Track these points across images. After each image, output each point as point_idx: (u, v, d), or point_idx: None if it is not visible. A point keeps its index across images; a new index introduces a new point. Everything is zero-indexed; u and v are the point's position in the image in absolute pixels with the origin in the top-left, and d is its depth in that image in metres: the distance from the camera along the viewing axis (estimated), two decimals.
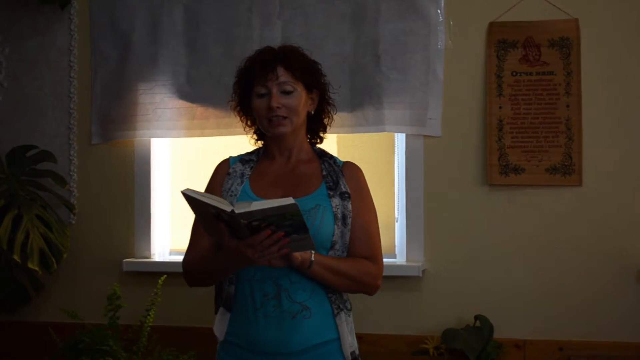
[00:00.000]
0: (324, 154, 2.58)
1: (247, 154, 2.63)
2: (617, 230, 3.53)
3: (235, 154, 2.67)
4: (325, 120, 2.61)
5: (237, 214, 2.08)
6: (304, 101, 2.48)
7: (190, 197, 2.16)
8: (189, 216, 2.31)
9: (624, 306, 3.51)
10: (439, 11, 3.64)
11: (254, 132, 2.64)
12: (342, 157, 2.61)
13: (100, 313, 3.52)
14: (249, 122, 2.61)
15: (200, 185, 3.78)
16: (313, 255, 2.32)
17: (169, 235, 4.02)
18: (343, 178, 2.49)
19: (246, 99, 2.53)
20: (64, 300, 3.89)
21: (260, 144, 2.64)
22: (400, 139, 3.74)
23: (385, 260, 2.60)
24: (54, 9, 4.00)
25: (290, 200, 2.06)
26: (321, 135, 2.63)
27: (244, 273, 2.38)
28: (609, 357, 3.48)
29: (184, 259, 2.53)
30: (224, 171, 2.58)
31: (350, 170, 2.54)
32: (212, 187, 2.58)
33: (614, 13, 3.54)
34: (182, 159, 4.03)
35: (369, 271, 2.45)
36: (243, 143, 2.72)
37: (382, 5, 3.66)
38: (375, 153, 3.79)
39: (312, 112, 2.55)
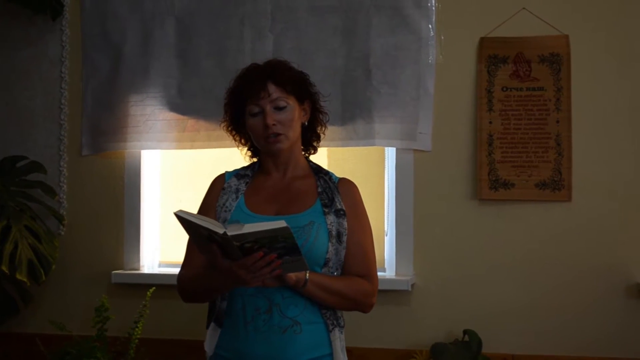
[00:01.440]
0: (320, 170, 2.57)
1: (243, 168, 2.62)
2: (606, 245, 3.53)
3: (225, 166, 2.67)
4: (319, 129, 2.61)
5: (229, 236, 2.07)
6: (297, 114, 2.48)
7: (183, 219, 2.16)
8: (179, 229, 2.30)
9: (613, 322, 3.52)
10: (430, 26, 3.66)
11: (248, 149, 2.63)
12: (333, 171, 2.60)
13: (89, 325, 3.52)
14: (242, 140, 2.60)
15: (190, 197, 3.80)
16: (307, 274, 2.31)
17: (159, 247, 4.01)
18: (338, 195, 2.48)
19: (238, 118, 2.52)
20: (53, 312, 3.88)
21: (255, 160, 2.64)
22: (390, 153, 3.75)
23: None
24: (46, 20, 4.00)
25: (282, 224, 2.06)
26: (315, 145, 2.63)
27: (236, 288, 2.36)
28: None
29: (179, 275, 2.52)
30: (219, 186, 2.56)
31: (346, 187, 2.53)
32: (207, 202, 2.56)
33: (604, 29, 3.56)
34: (173, 171, 4.02)
35: (364, 290, 2.44)
36: (233, 155, 2.72)
37: (373, 19, 3.68)
38: (366, 167, 3.80)
39: (306, 123, 2.55)
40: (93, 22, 3.99)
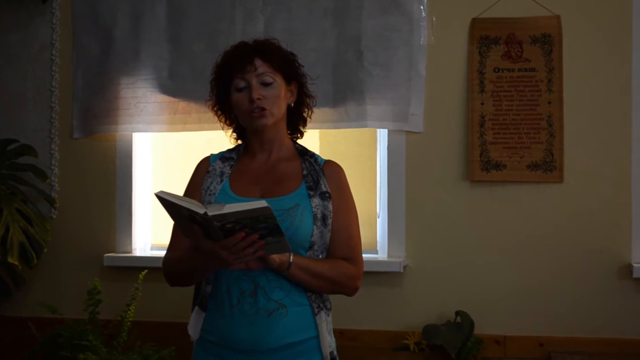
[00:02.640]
0: (305, 152, 2.54)
1: (228, 151, 2.59)
2: (598, 226, 3.54)
3: (216, 148, 2.66)
4: (305, 113, 2.59)
5: (209, 217, 2.06)
6: (283, 92, 2.45)
7: (164, 199, 2.15)
8: None
9: (604, 303, 3.53)
10: (421, 7, 3.64)
11: (233, 131, 2.61)
12: (325, 153, 2.60)
13: (81, 308, 3.52)
14: (227, 121, 2.59)
15: (181, 180, 3.77)
16: (291, 257, 2.30)
17: (151, 230, 4.01)
18: (324, 177, 2.46)
19: (224, 96, 2.50)
20: (45, 295, 3.88)
21: (239, 142, 2.62)
22: (382, 135, 3.75)
23: (366, 255, 2.59)
24: (36, 2, 3.97)
25: (263, 204, 2.04)
26: (301, 129, 2.60)
27: (221, 271, 2.35)
28: (588, 353, 3.49)
29: (164, 258, 2.50)
30: (204, 169, 2.55)
31: (331, 170, 2.50)
32: (192, 185, 2.55)
33: (596, 10, 3.55)
34: (164, 153, 4.02)
35: (349, 273, 2.42)
36: (225, 138, 2.71)
37: (364, 1, 3.66)
38: (358, 148, 3.79)
39: (292, 105, 2.52)
40: (83, 5, 3.97)
